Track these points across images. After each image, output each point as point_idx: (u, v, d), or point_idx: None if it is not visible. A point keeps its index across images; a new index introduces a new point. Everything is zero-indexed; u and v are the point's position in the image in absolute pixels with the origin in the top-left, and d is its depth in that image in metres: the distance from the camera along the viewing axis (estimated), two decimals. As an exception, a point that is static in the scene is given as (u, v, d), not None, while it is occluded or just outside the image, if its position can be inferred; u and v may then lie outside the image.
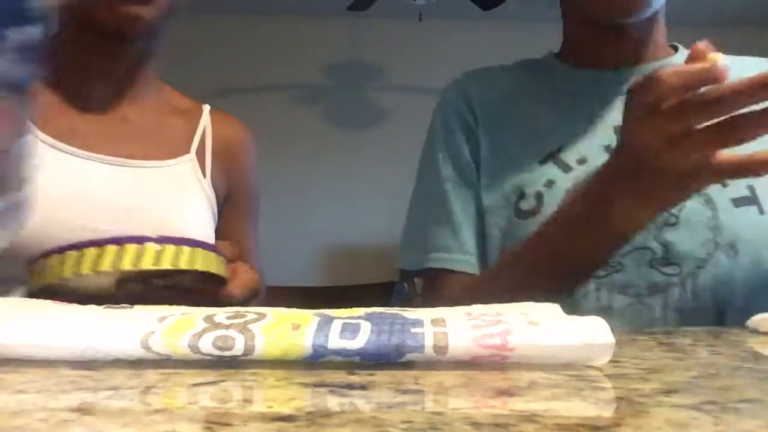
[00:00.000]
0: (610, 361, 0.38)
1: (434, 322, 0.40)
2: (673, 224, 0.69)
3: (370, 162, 3.96)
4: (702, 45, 0.49)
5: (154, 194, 0.78)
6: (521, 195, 0.75)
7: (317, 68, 4.04)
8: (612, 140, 0.73)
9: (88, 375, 0.35)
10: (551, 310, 0.44)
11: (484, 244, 0.78)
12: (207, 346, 0.36)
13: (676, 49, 0.83)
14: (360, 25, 3.96)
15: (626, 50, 0.76)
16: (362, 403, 0.30)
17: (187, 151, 0.84)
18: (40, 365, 0.36)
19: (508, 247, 0.75)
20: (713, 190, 0.69)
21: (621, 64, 0.77)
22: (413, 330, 0.38)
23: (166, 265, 0.55)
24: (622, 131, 0.56)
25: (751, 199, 0.70)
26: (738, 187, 0.70)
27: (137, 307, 0.45)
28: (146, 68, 0.83)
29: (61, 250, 0.55)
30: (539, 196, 0.73)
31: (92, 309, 0.44)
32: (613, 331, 0.38)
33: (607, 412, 0.30)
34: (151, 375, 0.35)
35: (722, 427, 0.26)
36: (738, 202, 0.70)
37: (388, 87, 4.02)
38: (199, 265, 0.57)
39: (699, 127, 0.48)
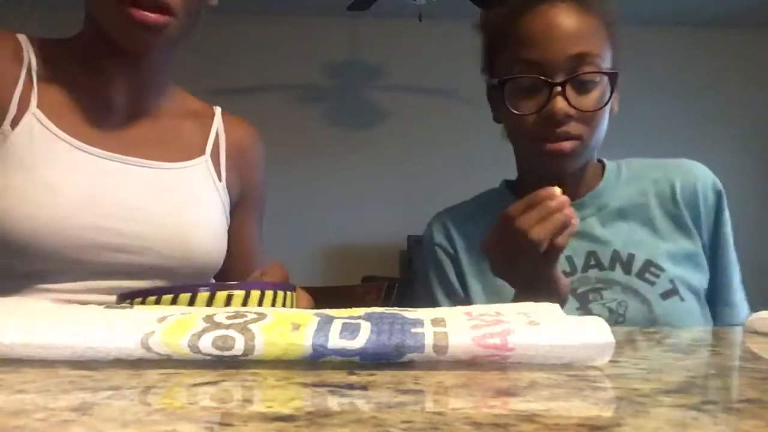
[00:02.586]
0: (610, 361, 0.38)
1: (434, 322, 0.40)
2: (621, 322, 0.85)
3: (370, 162, 3.96)
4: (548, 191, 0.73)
5: (168, 195, 0.78)
6: None
7: (318, 68, 4.04)
8: (565, 267, 0.88)
9: (88, 375, 0.35)
10: (551, 310, 0.44)
11: None
12: (207, 346, 0.36)
13: (603, 166, 0.97)
14: (360, 25, 3.96)
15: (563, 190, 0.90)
16: (362, 403, 0.30)
17: (202, 153, 0.84)
18: (40, 365, 0.36)
19: None
20: (646, 290, 0.86)
21: None
22: (413, 330, 0.38)
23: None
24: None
25: (673, 291, 0.86)
26: (663, 282, 0.86)
27: (137, 307, 0.45)
28: (165, 74, 0.83)
29: (142, 294, 0.56)
30: None
31: (92, 309, 0.44)
32: (612, 331, 0.38)
33: (607, 412, 0.30)
34: (151, 375, 0.35)
35: (722, 427, 0.26)
36: (665, 295, 0.85)
37: (388, 87, 4.03)
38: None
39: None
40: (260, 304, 0.56)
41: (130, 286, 0.73)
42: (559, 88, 0.81)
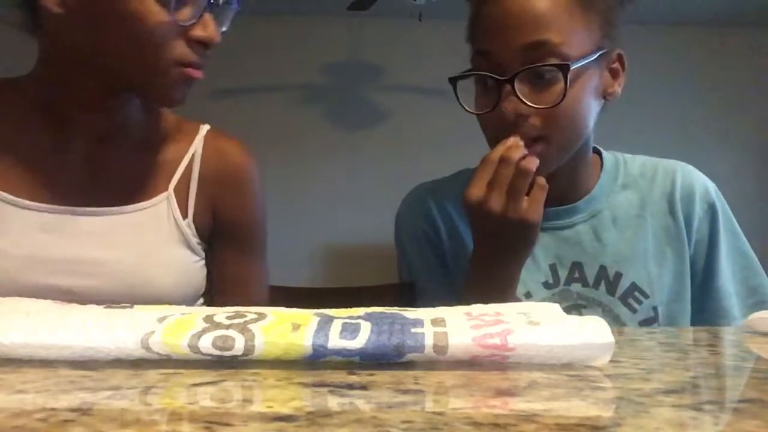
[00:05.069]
0: (610, 361, 0.38)
1: (434, 322, 0.40)
2: None
3: (370, 162, 3.96)
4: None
5: (121, 243, 0.73)
6: None
7: (317, 68, 4.04)
8: (548, 277, 0.83)
9: (88, 375, 0.35)
10: (551, 310, 0.44)
11: None
12: (207, 346, 0.36)
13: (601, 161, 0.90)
14: (360, 25, 3.96)
15: (552, 192, 0.78)
16: (362, 403, 0.30)
17: (165, 189, 0.77)
18: (40, 365, 0.36)
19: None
20: (627, 317, 0.81)
21: (548, 203, 0.80)
22: (413, 330, 0.38)
23: None
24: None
25: (653, 319, 0.82)
26: (645, 309, 0.82)
27: (137, 307, 0.45)
28: (130, 107, 0.77)
29: None
30: None
31: (92, 309, 0.44)
32: (612, 331, 0.38)
33: (607, 412, 0.30)
34: (151, 375, 0.35)
35: (722, 427, 0.26)
36: (643, 323, 0.81)
37: (388, 87, 4.02)
38: None
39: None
40: None
41: None
42: (508, 86, 0.72)
